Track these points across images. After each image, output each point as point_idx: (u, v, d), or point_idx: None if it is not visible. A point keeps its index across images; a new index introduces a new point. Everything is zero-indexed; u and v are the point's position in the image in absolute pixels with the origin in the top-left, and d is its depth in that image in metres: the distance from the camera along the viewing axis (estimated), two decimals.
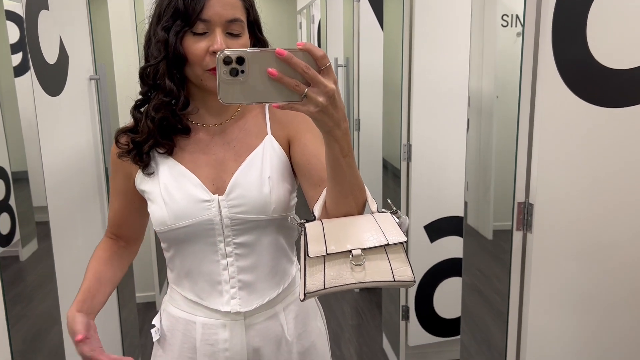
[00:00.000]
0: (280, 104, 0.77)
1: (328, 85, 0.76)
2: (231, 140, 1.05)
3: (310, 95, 0.76)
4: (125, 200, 1.12)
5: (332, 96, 0.77)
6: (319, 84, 0.76)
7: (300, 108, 0.77)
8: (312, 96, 0.76)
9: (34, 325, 1.50)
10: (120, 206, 1.13)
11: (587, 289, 1.48)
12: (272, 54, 0.75)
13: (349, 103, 3.66)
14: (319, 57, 0.75)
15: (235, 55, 0.75)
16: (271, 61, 0.75)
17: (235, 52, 0.75)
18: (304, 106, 0.77)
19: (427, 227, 2.50)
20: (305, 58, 0.76)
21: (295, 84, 0.75)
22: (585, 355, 1.52)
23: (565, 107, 1.37)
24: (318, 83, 0.76)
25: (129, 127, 1.05)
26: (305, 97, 0.76)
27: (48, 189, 1.58)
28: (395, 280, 0.89)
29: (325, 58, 0.76)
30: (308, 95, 0.76)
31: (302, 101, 0.77)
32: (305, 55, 0.76)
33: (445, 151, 2.42)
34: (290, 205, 1.05)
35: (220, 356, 1.06)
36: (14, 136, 1.47)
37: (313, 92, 0.76)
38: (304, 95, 0.76)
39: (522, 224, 1.45)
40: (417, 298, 2.56)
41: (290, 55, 0.75)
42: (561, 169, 1.41)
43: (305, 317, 1.13)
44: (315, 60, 0.76)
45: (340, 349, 2.92)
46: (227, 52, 0.75)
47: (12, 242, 1.43)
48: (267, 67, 0.75)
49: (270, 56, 0.75)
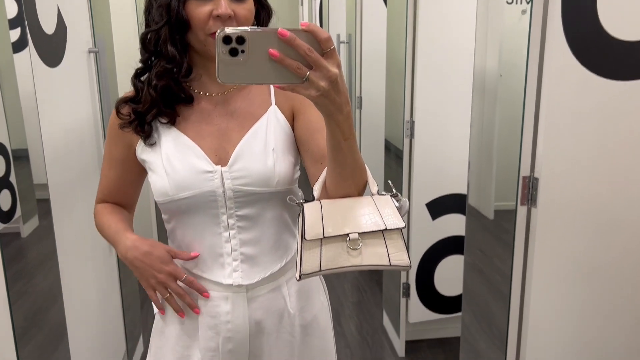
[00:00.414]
0: (280, 85, 0.75)
1: (331, 69, 0.74)
2: (234, 110, 1.03)
3: (312, 79, 0.74)
4: (123, 170, 1.10)
5: (335, 81, 0.75)
6: (321, 68, 0.74)
7: (301, 91, 0.76)
8: (314, 80, 0.74)
9: (36, 301, 1.50)
10: (117, 176, 1.11)
11: (591, 264, 1.48)
12: (274, 34, 0.72)
13: (351, 80, 3.62)
14: (322, 39, 0.73)
15: (236, 34, 0.72)
16: (273, 42, 0.72)
17: (235, 31, 0.72)
18: (306, 89, 0.75)
19: (429, 205, 2.50)
20: (308, 39, 0.73)
21: (297, 67, 0.73)
22: (588, 333, 1.53)
23: (573, 79, 1.35)
24: (321, 67, 0.74)
25: (130, 97, 1.03)
26: (306, 81, 0.74)
27: (48, 164, 1.57)
28: (391, 264, 0.89)
29: (330, 41, 0.74)
30: (310, 78, 0.74)
31: (304, 84, 0.74)
32: (308, 37, 0.73)
33: (448, 128, 2.40)
34: (293, 178, 1.04)
35: (222, 328, 1.06)
36: (13, 114, 1.46)
37: (315, 76, 0.74)
38: (306, 78, 0.74)
39: (527, 199, 1.44)
40: (418, 275, 2.57)
41: (293, 37, 0.72)
42: (568, 143, 1.40)
43: (308, 290, 1.13)
44: (319, 42, 0.73)
45: (340, 325, 2.94)
46: (227, 31, 0.72)
47: (13, 219, 1.43)
48: (269, 48, 0.72)
49: (271, 36, 0.72)
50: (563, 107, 1.37)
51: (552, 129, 1.38)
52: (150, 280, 1.02)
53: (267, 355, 1.09)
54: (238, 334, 1.06)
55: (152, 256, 1.01)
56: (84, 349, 1.83)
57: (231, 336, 1.06)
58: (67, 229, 1.69)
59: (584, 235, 1.46)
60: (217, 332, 1.06)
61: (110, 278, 2.20)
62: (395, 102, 2.58)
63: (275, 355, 1.09)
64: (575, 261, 1.47)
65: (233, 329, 1.06)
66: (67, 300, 1.66)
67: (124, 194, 1.14)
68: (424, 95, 2.35)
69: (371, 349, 2.73)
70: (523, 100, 1.40)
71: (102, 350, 2.07)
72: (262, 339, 1.08)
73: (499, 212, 1.70)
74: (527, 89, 1.38)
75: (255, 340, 1.08)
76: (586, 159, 1.41)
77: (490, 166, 1.77)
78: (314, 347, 1.12)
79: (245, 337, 1.07)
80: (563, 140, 1.39)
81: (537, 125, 1.40)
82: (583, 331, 1.53)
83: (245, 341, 1.07)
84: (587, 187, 1.43)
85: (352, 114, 0.86)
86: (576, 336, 1.53)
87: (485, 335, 1.71)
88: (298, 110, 1.03)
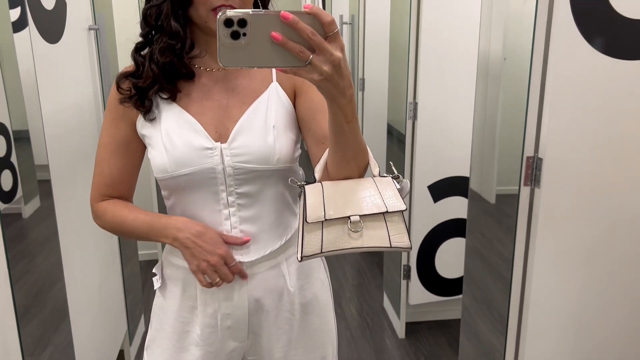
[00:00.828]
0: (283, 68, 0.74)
1: (334, 53, 0.73)
2: (235, 87, 1.02)
3: (315, 63, 0.73)
4: (128, 153, 1.05)
5: (338, 65, 0.74)
6: (324, 52, 0.73)
7: (304, 75, 0.75)
8: (317, 64, 0.73)
9: (37, 281, 1.51)
10: (121, 162, 1.05)
11: (593, 246, 1.48)
12: (277, 16, 0.71)
13: (354, 62, 3.60)
14: (326, 22, 0.72)
15: (237, 17, 0.71)
16: (275, 24, 0.71)
17: (237, 13, 0.71)
18: (308, 73, 0.74)
19: (431, 187, 2.49)
20: (311, 22, 0.72)
21: (299, 50, 0.72)
22: (589, 316, 1.53)
23: (580, 58, 1.33)
24: (324, 51, 0.73)
25: (131, 72, 1.01)
26: (309, 64, 0.73)
27: (48, 143, 1.56)
28: (392, 246, 0.90)
29: (333, 24, 0.72)
30: (313, 62, 0.73)
31: (307, 68, 0.73)
32: (311, 19, 0.72)
33: (451, 111, 2.38)
34: (294, 156, 1.03)
35: (221, 305, 1.06)
36: (14, 95, 1.45)
37: (318, 60, 0.73)
38: (309, 62, 0.73)
39: (530, 179, 1.43)
40: (419, 258, 2.58)
41: (296, 20, 0.71)
42: (573, 123, 1.38)
43: (308, 269, 1.13)
44: (322, 25, 0.72)
45: (341, 307, 2.96)
46: (229, 14, 0.71)
47: (14, 199, 1.43)
48: (271, 31, 0.71)
49: (274, 19, 0.71)
50: (569, 86, 1.36)
51: (558, 108, 1.36)
52: (202, 264, 0.99)
53: (267, 332, 1.10)
54: (237, 311, 1.07)
55: (205, 236, 0.99)
56: (86, 329, 1.84)
57: (230, 313, 1.06)
58: (68, 209, 1.69)
59: (587, 217, 1.45)
60: (215, 308, 1.06)
61: (111, 259, 2.20)
62: (399, 85, 2.56)
63: (274, 332, 1.10)
64: (578, 243, 1.47)
65: (232, 306, 1.06)
66: (68, 280, 1.67)
67: (127, 183, 1.08)
68: (427, 77, 2.33)
69: (371, 331, 2.74)
70: (529, 78, 1.38)
71: (103, 330, 2.08)
72: (262, 316, 1.08)
73: (501, 196, 1.70)
74: (533, 68, 1.37)
75: (254, 318, 1.08)
76: (591, 139, 1.40)
77: (492, 150, 1.76)
78: (314, 326, 1.13)
79: (244, 314, 1.07)
80: (568, 120, 1.38)
81: (542, 104, 1.38)
82: (584, 314, 1.53)
83: (244, 318, 1.07)
84: (592, 168, 1.42)
85: (355, 97, 0.85)
86: (577, 319, 1.53)
87: (486, 318, 1.72)
88: (300, 89, 1.03)
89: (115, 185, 1.07)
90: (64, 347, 1.63)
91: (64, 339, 1.63)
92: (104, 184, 1.07)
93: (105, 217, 1.07)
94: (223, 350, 1.09)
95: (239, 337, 1.09)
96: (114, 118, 1.04)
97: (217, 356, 1.09)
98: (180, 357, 1.09)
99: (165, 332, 1.10)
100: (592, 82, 1.36)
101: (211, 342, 1.08)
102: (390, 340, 2.67)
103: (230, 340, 1.08)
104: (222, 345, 1.08)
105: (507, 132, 1.65)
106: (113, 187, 1.07)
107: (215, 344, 1.08)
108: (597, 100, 1.37)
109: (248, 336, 1.10)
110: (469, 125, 1.88)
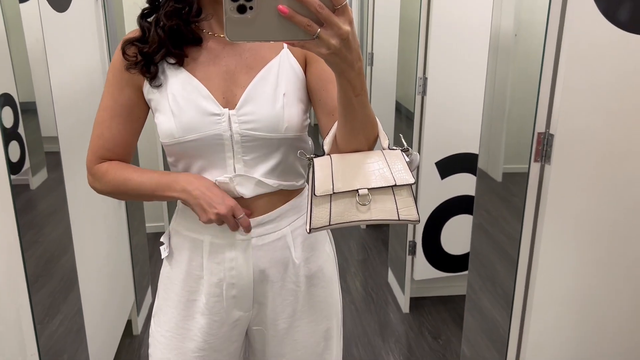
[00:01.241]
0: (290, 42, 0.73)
1: (342, 27, 0.72)
2: (243, 52, 1.01)
3: (322, 36, 0.72)
4: (129, 118, 1.04)
5: (347, 39, 0.73)
6: (332, 26, 0.71)
7: (311, 48, 0.74)
8: (325, 38, 0.72)
9: (46, 251, 1.53)
10: (121, 125, 1.04)
11: (602, 224, 1.47)
12: None
13: (363, 36, 3.55)
14: None
15: None
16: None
17: None
18: (316, 47, 0.73)
19: (439, 164, 2.48)
20: None
21: (307, 24, 0.71)
22: (597, 294, 1.53)
23: (596, 33, 1.31)
24: (332, 24, 0.71)
25: (136, 37, 1.00)
26: (317, 38, 0.72)
27: (57, 113, 1.56)
28: (400, 219, 0.90)
29: None
30: (320, 36, 0.72)
31: (314, 41, 0.72)
32: None
33: (461, 87, 2.36)
34: (303, 125, 1.02)
35: (226, 275, 1.07)
36: (21, 67, 1.44)
37: (326, 34, 0.72)
38: (316, 35, 0.71)
39: (541, 156, 1.42)
40: (425, 234, 2.59)
41: None
42: (586, 99, 1.36)
43: (314, 241, 1.13)
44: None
45: (346, 281, 2.99)
46: None
47: (22, 171, 1.43)
48: (278, 4, 0.70)
49: None
50: (583, 62, 1.33)
51: (571, 83, 1.34)
52: (210, 210, 0.98)
53: (272, 302, 1.10)
54: (242, 281, 1.07)
55: (217, 189, 0.99)
56: (95, 299, 1.87)
57: (235, 282, 1.07)
58: (77, 179, 1.70)
59: (597, 194, 1.44)
60: (221, 278, 1.07)
61: (119, 230, 2.22)
62: (408, 59, 2.53)
63: (279, 303, 1.11)
64: (586, 221, 1.46)
65: (237, 276, 1.07)
66: (78, 250, 1.69)
67: (126, 147, 1.06)
68: (437, 52, 2.29)
69: (376, 305, 2.77)
70: (542, 53, 1.36)
71: (112, 300, 2.11)
72: (267, 287, 1.09)
73: (507, 175, 1.69)
74: (547, 42, 1.34)
75: (259, 288, 1.09)
76: (604, 116, 1.38)
77: (500, 127, 1.74)
78: (319, 297, 1.14)
79: (249, 284, 1.08)
80: (581, 95, 1.36)
81: (555, 79, 1.36)
82: (590, 293, 1.53)
83: (249, 288, 1.08)
84: (604, 145, 1.40)
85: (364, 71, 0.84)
86: (583, 298, 1.54)
87: (490, 295, 1.72)
88: (311, 58, 1.01)
89: (114, 148, 1.05)
90: (73, 315, 1.66)
91: (72, 308, 1.66)
92: (103, 146, 1.05)
93: (106, 178, 1.05)
94: (228, 319, 1.10)
95: (244, 307, 1.10)
96: (118, 82, 1.02)
97: (222, 325, 1.10)
98: (186, 325, 1.10)
99: (171, 301, 1.11)
100: (607, 57, 1.34)
101: (216, 311, 1.09)
102: (394, 314, 2.69)
103: (235, 309, 1.10)
104: (227, 314, 1.09)
105: (517, 109, 1.64)
106: (112, 151, 1.06)
107: (221, 312, 1.09)
108: (612, 76, 1.35)
109: (253, 306, 1.11)
110: (478, 102, 1.86)
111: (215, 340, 1.10)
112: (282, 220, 1.08)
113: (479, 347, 1.81)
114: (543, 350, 1.56)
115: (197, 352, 1.10)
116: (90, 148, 1.07)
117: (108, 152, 1.06)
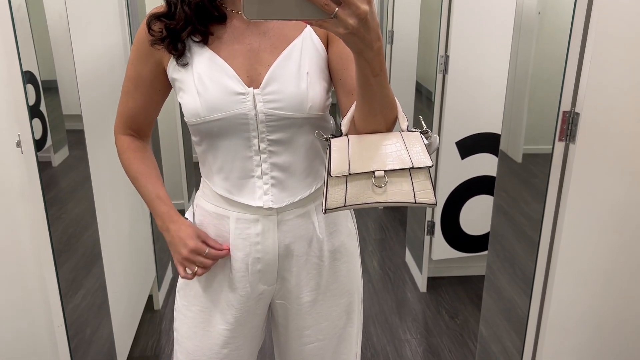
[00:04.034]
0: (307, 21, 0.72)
1: (361, 6, 0.71)
2: (267, 30, 1.00)
3: (340, 16, 0.71)
4: (151, 91, 1.07)
5: (364, 18, 0.72)
6: (350, 5, 0.70)
7: (329, 28, 0.73)
8: (343, 17, 0.71)
9: (69, 227, 1.55)
10: (143, 97, 1.08)
11: (627, 206, 1.44)
12: None
13: (383, 13, 3.49)
14: None
15: None
16: None
17: None
18: (334, 26, 0.72)
19: (459, 144, 2.45)
20: None
21: (324, 3, 0.69)
22: (619, 276, 1.51)
23: (626, 11, 1.27)
24: (350, 3, 0.70)
25: (162, 13, 1.00)
26: (335, 17, 0.70)
27: (80, 90, 1.57)
28: (416, 202, 0.90)
29: None
30: (338, 15, 0.70)
31: (332, 20, 0.71)
32: None
33: (484, 65, 2.31)
34: (325, 104, 1.02)
35: (252, 249, 1.08)
36: (42, 46, 1.45)
37: (344, 13, 0.71)
38: (334, 15, 0.70)
39: (565, 135, 1.39)
40: (443, 214, 2.57)
41: None
42: (613, 78, 1.32)
43: (336, 217, 1.13)
44: None
45: (363, 261, 3.00)
46: None
47: (44, 148, 1.45)
48: None
49: None
50: (612, 39, 1.29)
51: (598, 61, 1.30)
52: (176, 256, 1.08)
53: (296, 277, 1.12)
54: (267, 256, 1.08)
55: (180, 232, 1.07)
56: (117, 273, 1.90)
57: (260, 257, 1.08)
58: (100, 156, 1.72)
59: (621, 175, 1.41)
60: (247, 253, 1.08)
61: (141, 206, 2.25)
62: (430, 38, 2.49)
63: (303, 277, 1.12)
64: (610, 202, 1.44)
65: (262, 250, 1.08)
66: (101, 226, 1.71)
67: (146, 117, 1.12)
68: (460, 30, 2.25)
69: (393, 284, 2.78)
70: (570, 31, 1.32)
71: (134, 275, 2.15)
72: (291, 261, 1.10)
73: (527, 155, 1.66)
74: (575, 18, 1.30)
75: (284, 263, 1.10)
76: (632, 95, 1.34)
77: (522, 107, 1.71)
78: (342, 272, 1.15)
79: (274, 258, 1.09)
80: (608, 74, 1.32)
81: (582, 57, 1.32)
82: (613, 276, 1.51)
83: (274, 263, 1.09)
84: (631, 125, 1.37)
85: (383, 50, 0.83)
86: (605, 281, 1.52)
87: (509, 276, 1.72)
88: (332, 36, 1.00)
89: (136, 117, 1.11)
90: (96, 289, 1.70)
91: (95, 282, 1.69)
92: (127, 114, 1.11)
93: (121, 158, 1.14)
94: (253, 293, 1.11)
95: (269, 281, 1.11)
96: (141, 55, 1.04)
97: (248, 299, 1.12)
98: (213, 299, 1.12)
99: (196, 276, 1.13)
100: (637, 35, 1.30)
101: (242, 286, 1.10)
102: (411, 293, 2.70)
103: (259, 283, 1.11)
104: (253, 288, 1.11)
105: (540, 88, 1.60)
106: (134, 119, 1.11)
107: (246, 287, 1.11)
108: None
109: (277, 280, 1.12)
110: (500, 81, 1.82)
111: (241, 314, 1.12)
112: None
113: (497, 328, 1.81)
114: (562, 331, 1.55)
115: (224, 325, 1.12)
116: (117, 114, 1.13)
117: (130, 119, 1.12)
